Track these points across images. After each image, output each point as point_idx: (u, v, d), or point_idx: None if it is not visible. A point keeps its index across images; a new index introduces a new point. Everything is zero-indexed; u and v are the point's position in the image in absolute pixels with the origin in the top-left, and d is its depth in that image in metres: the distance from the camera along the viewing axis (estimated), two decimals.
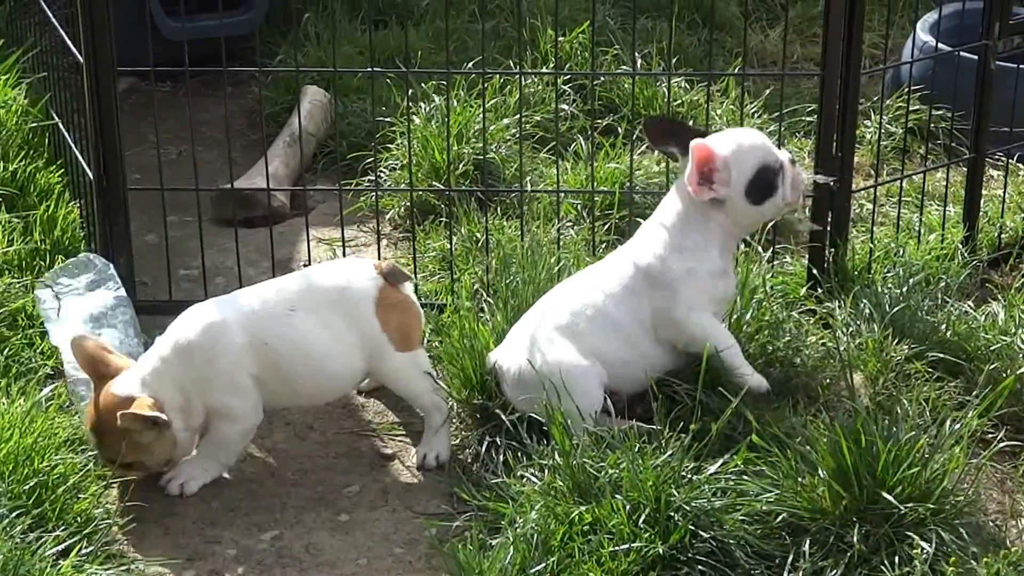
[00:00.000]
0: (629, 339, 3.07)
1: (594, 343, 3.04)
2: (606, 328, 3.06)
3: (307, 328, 3.01)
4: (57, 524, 2.75)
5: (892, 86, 4.48)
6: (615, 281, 3.10)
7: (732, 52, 5.03)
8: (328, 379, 3.07)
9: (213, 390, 2.97)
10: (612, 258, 3.20)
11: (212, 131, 4.62)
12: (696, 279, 3.06)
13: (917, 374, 3.22)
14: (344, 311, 3.03)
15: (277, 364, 3.01)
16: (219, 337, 2.96)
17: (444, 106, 4.15)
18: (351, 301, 3.03)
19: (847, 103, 3.51)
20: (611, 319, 3.07)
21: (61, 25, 3.72)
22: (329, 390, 3.13)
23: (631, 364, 3.06)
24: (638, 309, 3.08)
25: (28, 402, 3.00)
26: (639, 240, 3.16)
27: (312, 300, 3.03)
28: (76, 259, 3.54)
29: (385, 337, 3.04)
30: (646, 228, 3.17)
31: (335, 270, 3.11)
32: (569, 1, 5.18)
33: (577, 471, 2.76)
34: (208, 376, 2.96)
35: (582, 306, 3.08)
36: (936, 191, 4.15)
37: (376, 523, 2.97)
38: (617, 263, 3.15)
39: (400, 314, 3.05)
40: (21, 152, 4.03)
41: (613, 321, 3.07)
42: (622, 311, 3.07)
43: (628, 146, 4.06)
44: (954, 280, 3.54)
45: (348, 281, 3.05)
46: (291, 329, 3.01)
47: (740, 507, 2.72)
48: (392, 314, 3.04)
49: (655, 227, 3.14)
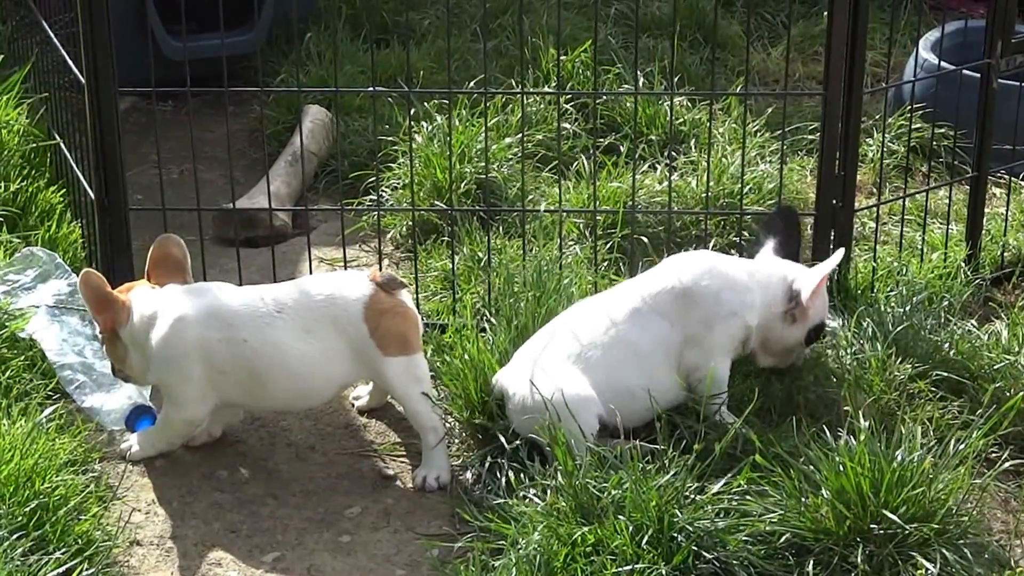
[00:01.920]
0: (644, 367, 3.06)
1: (604, 372, 3.03)
2: (620, 355, 3.06)
3: (288, 331, 3.04)
4: (58, 546, 2.76)
5: (894, 104, 4.49)
6: (634, 304, 3.10)
7: (734, 71, 5.05)
8: (305, 385, 3.08)
9: (159, 369, 3.07)
10: (632, 282, 3.21)
11: (214, 151, 4.64)
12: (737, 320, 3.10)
13: (921, 393, 3.22)
14: (332, 317, 3.04)
15: (252, 362, 3.03)
16: (184, 329, 3.04)
17: (446, 125, 4.17)
18: (339, 307, 3.05)
19: (849, 122, 3.52)
20: (630, 345, 3.06)
21: (62, 45, 3.75)
22: (306, 396, 3.13)
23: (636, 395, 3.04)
24: (668, 335, 3.08)
25: (29, 423, 3.01)
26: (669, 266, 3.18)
27: (300, 305, 3.06)
28: (19, 255, 3.64)
29: (373, 342, 3.04)
30: None
31: (328, 279, 3.15)
32: (571, 20, 5.20)
33: (580, 491, 2.76)
34: (162, 356, 3.05)
35: (594, 332, 3.08)
36: (939, 209, 4.16)
37: (378, 544, 2.97)
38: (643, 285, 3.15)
39: (391, 319, 3.05)
40: (22, 172, 4.05)
41: (633, 348, 3.06)
42: (646, 336, 3.07)
43: (630, 165, 4.08)
44: (957, 299, 3.55)
45: (338, 289, 3.08)
46: (272, 331, 3.03)
47: (743, 527, 2.72)
48: (382, 319, 3.04)
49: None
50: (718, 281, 3.11)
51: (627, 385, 3.03)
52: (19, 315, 3.47)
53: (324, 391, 3.14)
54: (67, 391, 3.34)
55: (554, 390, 2.96)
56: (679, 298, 3.09)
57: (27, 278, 3.60)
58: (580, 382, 3.00)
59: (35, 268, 3.61)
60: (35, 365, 3.39)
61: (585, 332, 3.08)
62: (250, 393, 3.10)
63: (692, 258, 3.21)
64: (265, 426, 3.34)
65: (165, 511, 3.07)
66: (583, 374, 3.02)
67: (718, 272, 3.13)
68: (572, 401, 2.95)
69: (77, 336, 3.47)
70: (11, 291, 3.57)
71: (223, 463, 3.22)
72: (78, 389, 3.34)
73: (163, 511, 3.07)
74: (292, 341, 3.04)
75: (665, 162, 4.23)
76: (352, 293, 3.06)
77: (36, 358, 3.41)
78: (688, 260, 3.20)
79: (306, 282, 3.16)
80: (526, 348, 3.15)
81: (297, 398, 3.14)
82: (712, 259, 3.20)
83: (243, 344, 3.03)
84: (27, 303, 3.52)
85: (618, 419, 2.95)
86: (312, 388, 3.10)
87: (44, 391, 3.29)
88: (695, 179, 4.18)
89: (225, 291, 3.14)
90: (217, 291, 3.13)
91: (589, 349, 3.05)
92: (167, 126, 4.61)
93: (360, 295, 3.06)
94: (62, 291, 3.55)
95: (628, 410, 3.01)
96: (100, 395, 3.32)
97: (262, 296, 3.10)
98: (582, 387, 2.99)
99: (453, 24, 5.20)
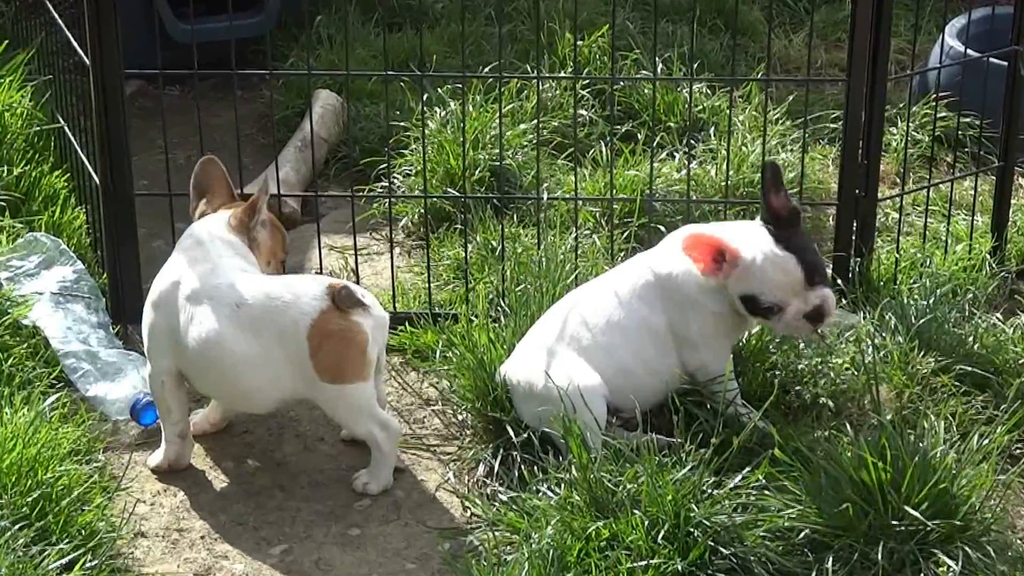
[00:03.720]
0: (636, 350, 3.07)
1: (600, 355, 3.04)
2: (613, 338, 3.06)
3: (233, 331, 2.99)
4: (61, 537, 2.77)
5: (919, 92, 4.48)
6: (627, 288, 3.11)
7: (755, 57, 5.04)
8: (243, 386, 3.03)
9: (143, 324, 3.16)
10: (626, 265, 3.21)
11: (222, 136, 4.64)
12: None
13: (944, 388, 3.22)
14: (279, 327, 2.96)
15: (193, 352, 3.02)
16: (161, 296, 3.10)
17: (460, 111, 4.17)
18: (288, 318, 2.96)
19: (873, 110, 3.52)
20: (619, 328, 3.07)
21: (67, 26, 3.75)
22: (245, 398, 3.08)
23: (634, 376, 3.06)
24: (650, 318, 3.08)
25: (32, 412, 3.03)
26: (662, 248, 3.17)
27: (258, 306, 2.99)
28: (23, 240, 3.65)
29: (311, 363, 2.95)
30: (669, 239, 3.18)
31: (290, 283, 3.04)
32: (588, 4, 5.19)
33: (595, 485, 2.77)
34: (146, 318, 3.14)
35: (591, 316, 3.09)
36: (964, 200, 4.16)
37: (388, 538, 2.98)
38: (632, 270, 3.16)
39: (334, 343, 2.93)
40: (26, 156, 4.07)
41: (622, 330, 3.07)
42: (632, 319, 3.08)
43: (648, 153, 4.08)
44: (982, 291, 3.55)
45: (293, 296, 2.98)
46: (224, 323, 2.99)
47: (761, 523, 2.72)
48: (325, 341, 2.93)
49: None
50: (690, 263, 3.04)
51: (622, 364, 3.04)
52: (22, 302, 3.49)
53: (259, 398, 3.05)
54: (71, 380, 3.35)
55: (562, 379, 2.96)
56: (655, 284, 3.09)
57: (31, 264, 3.62)
58: (584, 368, 3.01)
59: (39, 254, 3.64)
60: (38, 353, 3.41)
61: (581, 317, 3.09)
62: (194, 376, 3.09)
63: (675, 238, 3.13)
64: (274, 416, 3.35)
65: (170, 502, 3.08)
66: (581, 357, 3.02)
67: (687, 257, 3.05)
68: (582, 391, 2.95)
69: (81, 324, 3.49)
70: (14, 277, 3.58)
71: (230, 454, 3.23)
72: (82, 378, 3.36)
73: (168, 502, 3.08)
74: (234, 339, 2.98)
75: (684, 150, 4.23)
76: (305, 307, 2.95)
77: (39, 346, 3.42)
78: (671, 241, 3.14)
79: (273, 283, 3.04)
80: (527, 338, 3.15)
81: (233, 398, 3.12)
82: (688, 239, 3.07)
83: (198, 325, 3.02)
84: (31, 289, 3.54)
85: (636, 410, 2.95)
86: (247, 392, 3.04)
87: (47, 380, 3.31)
88: (714, 168, 4.17)
89: (208, 269, 3.08)
90: (204, 266, 3.09)
91: (585, 333, 3.06)
92: (174, 110, 4.61)
93: (310, 311, 2.94)
94: (66, 277, 3.57)
95: (628, 390, 3.02)
96: (104, 384, 3.34)
97: (235, 284, 3.03)
98: (587, 373, 3.00)
99: (467, 7, 5.20)
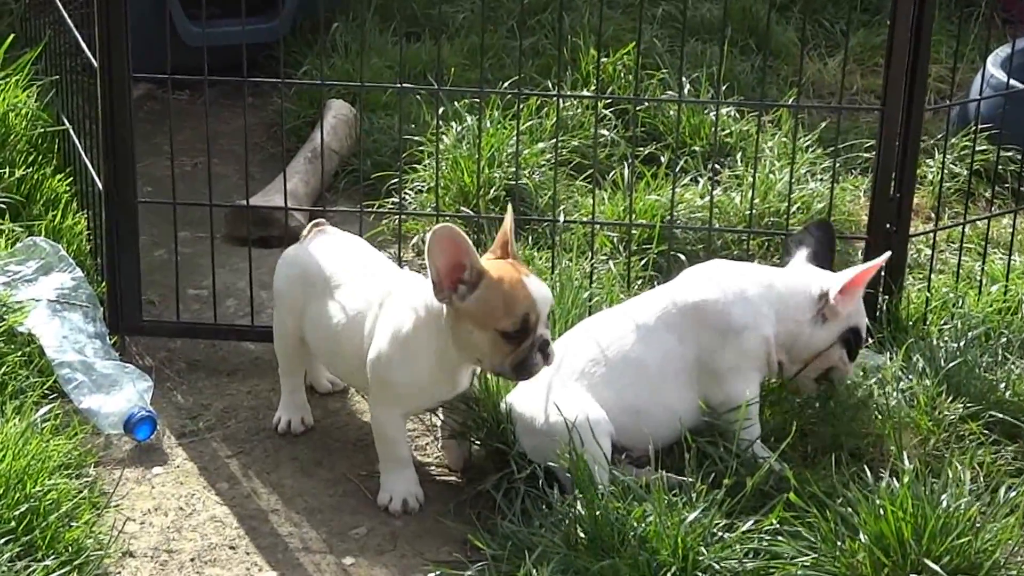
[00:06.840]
0: (654, 387, 3.08)
1: (610, 392, 3.05)
2: (628, 375, 3.07)
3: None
4: (47, 553, 2.78)
5: (958, 124, 4.49)
6: (651, 319, 3.13)
7: (787, 81, 5.05)
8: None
9: None
10: (647, 296, 3.22)
11: (230, 144, 4.68)
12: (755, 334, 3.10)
13: (971, 435, 3.21)
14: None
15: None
16: None
17: (476, 126, 4.19)
18: None
19: (908, 140, 3.52)
20: (637, 364, 3.08)
21: (76, 26, 3.79)
22: None
23: (648, 415, 3.07)
24: (676, 349, 3.10)
25: (23, 422, 3.05)
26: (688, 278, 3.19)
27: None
28: (22, 244, 3.68)
29: None
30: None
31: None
32: (614, 20, 5.22)
33: (600, 523, 2.77)
34: None
35: (607, 349, 3.10)
36: (1001, 238, 4.15)
37: (384, 568, 2.99)
38: (656, 300, 3.17)
39: None
40: (28, 158, 4.10)
41: (639, 365, 3.08)
42: (653, 353, 3.09)
43: (670, 177, 4.09)
44: (1016, 336, 3.54)
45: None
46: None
47: (774, 570, 2.72)
48: None
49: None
50: (728, 294, 3.11)
51: (633, 403, 3.05)
52: (18, 308, 3.52)
53: None
54: (65, 390, 3.38)
55: (569, 413, 2.97)
56: (687, 313, 3.11)
57: (28, 269, 3.64)
58: (591, 403, 3.02)
59: (37, 259, 3.66)
60: (32, 361, 3.43)
61: (593, 349, 3.10)
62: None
63: (703, 270, 3.21)
64: (271, 438, 3.37)
65: (161, 522, 3.10)
66: (589, 392, 3.04)
67: (727, 284, 3.13)
68: (591, 424, 2.96)
69: (78, 333, 3.51)
70: (11, 282, 3.61)
71: (224, 475, 3.25)
72: (76, 389, 3.38)
73: (159, 522, 3.10)
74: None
75: (708, 175, 4.25)
76: None
77: (34, 354, 3.45)
78: (699, 272, 3.20)
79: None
80: None
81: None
82: (723, 270, 3.20)
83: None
84: (27, 296, 3.57)
85: (649, 446, 2.96)
86: None
87: (40, 389, 3.33)
88: (739, 195, 4.19)
89: None
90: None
91: (596, 367, 3.07)
92: (182, 116, 4.65)
93: None
94: (65, 285, 3.59)
95: (636, 430, 3.03)
96: (99, 396, 3.36)
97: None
98: (594, 408, 3.01)
99: (488, 19, 5.24)
